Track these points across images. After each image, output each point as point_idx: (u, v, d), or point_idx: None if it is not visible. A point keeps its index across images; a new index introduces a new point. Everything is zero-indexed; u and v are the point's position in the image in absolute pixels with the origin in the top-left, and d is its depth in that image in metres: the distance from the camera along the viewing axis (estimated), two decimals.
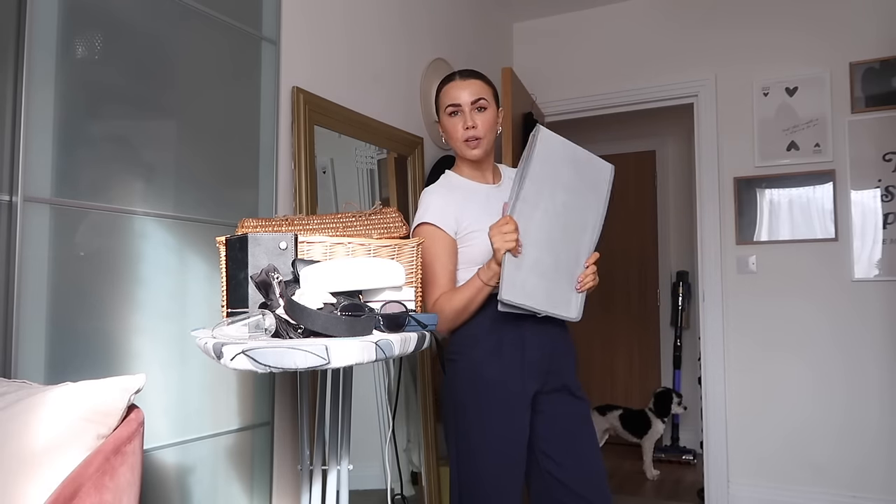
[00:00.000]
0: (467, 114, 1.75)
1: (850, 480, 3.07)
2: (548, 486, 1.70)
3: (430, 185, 1.84)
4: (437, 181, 1.86)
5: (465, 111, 1.75)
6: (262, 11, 2.03)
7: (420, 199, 1.81)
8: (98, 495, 1.03)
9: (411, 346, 1.24)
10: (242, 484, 1.90)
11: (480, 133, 1.75)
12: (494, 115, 1.79)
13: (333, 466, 1.62)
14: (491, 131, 1.78)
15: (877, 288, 3.07)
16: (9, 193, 1.37)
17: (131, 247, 1.61)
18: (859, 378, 3.08)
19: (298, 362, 1.07)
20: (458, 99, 1.75)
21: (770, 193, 3.29)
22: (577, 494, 1.66)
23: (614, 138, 4.85)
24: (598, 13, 3.70)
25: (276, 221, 1.59)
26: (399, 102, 2.79)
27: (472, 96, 1.75)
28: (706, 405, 3.39)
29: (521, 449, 1.67)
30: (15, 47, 1.39)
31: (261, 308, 1.22)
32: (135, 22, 1.63)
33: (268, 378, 1.98)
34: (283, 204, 2.10)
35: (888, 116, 3.07)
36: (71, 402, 1.07)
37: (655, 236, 4.88)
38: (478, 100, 1.75)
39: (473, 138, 1.75)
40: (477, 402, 1.66)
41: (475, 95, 1.75)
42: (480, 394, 1.66)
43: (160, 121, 1.70)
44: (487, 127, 1.76)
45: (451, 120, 1.78)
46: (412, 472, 2.67)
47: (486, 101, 1.76)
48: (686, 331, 4.65)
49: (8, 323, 1.35)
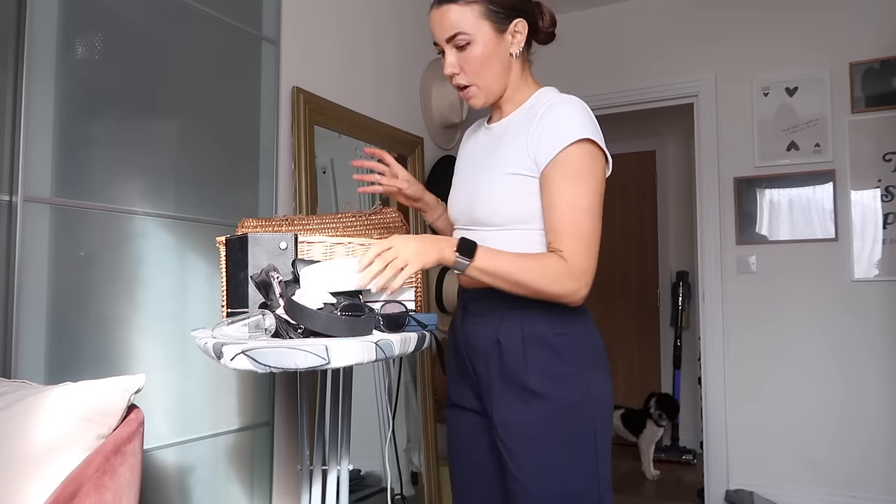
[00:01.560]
0: (447, 56, 1.32)
1: (850, 480, 3.07)
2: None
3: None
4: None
5: (445, 52, 1.32)
6: (262, 11, 2.03)
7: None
8: (98, 495, 1.03)
9: (411, 346, 1.24)
10: (242, 484, 1.90)
11: (465, 79, 1.31)
12: (487, 45, 1.28)
13: (333, 466, 1.62)
14: (484, 70, 1.29)
15: (877, 288, 3.06)
16: (9, 193, 1.37)
17: (131, 247, 1.61)
18: (859, 378, 3.08)
19: (298, 362, 1.07)
20: (434, 36, 1.32)
21: (770, 193, 3.29)
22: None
23: (614, 138, 4.84)
24: (598, 13, 3.70)
25: (276, 221, 1.59)
26: (399, 102, 2.79)
27: (445, 32, 1.29)
28: (706, 405, 3.39)
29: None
30: (15, 47, 1.39)
31: (261, 308, 1.22)
32: (135, 22, 1.63)
33: (268, 378, 1.98)
34: (283, 204, 2.10)
35: (888, 116, 3.06)
36: (71, 402, 1.07)
37: (655, 236, 4.88)
38: (453, 36, 1.28)
39: (461, 85, 1.34)
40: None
41: (449, 30, 1.28)
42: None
43: (160, 121, 1.70)
44: (474, 68, 1.29)
45: (441, 62, 1.35)
46: (412, 472, 2.67)
47: (466, 33, 1.27)
48: (686, 331, 4.65)
49: (8, 323, 1.35)
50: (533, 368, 1.25)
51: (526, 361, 1.26)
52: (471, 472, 1.41)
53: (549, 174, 1.23)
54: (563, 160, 1.22)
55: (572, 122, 1.23)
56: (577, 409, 1.25)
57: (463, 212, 1.37)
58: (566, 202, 1.22)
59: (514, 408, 1.26)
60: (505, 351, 1.28)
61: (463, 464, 1.42)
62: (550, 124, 1.24)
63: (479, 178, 1.33)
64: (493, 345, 1.30)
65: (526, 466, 1.25)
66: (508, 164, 1.28)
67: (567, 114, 1.25)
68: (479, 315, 1.34)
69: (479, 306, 1.34)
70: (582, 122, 1.24)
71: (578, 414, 1.25)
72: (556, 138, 1.23)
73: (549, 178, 1.23)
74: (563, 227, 1.21)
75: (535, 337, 1.26)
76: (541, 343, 1.26)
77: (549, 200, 1.23)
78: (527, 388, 1.25)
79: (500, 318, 1.29)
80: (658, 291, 4.85)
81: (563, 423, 1.25)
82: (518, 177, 1.27)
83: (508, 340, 1.28)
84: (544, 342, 1.26)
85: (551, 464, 1.24)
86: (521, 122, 1.31)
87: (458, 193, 1.41)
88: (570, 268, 1.21)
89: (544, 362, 1.26)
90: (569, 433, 1.25)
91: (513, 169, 1.27)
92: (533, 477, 1.24)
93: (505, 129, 1.35)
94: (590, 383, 1.27)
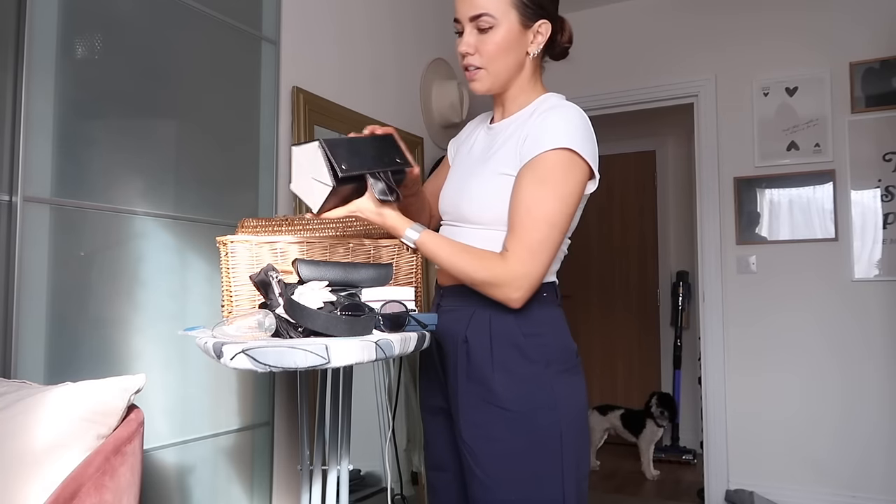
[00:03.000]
0: (465, 35, 1.29)
1: (850, 480, 3.07)
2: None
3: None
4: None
5: (465, 29, 1.29)
6: (262, 11, 2.03)
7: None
8: (98, 495, 1.03)
9: (411, 346, 1.24)
10: (242, 484, 1.89)
11: (477, 61, 1.29)
12: (509, 34, 1.27)
13: (333, 466, 1.62)
14: (498, 58, 1.28)
15: (877, 288, 3.06)
16: (9, 193, 1.37)
17: (131, 247, 1.61)
18: (859, 378, 3.08)
19: (298, 362, 1.07)
20: (457, 12, 1.30)
21: (770, 193, 3.29)
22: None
23: (614, 138, 4.85)
24: (598, 13, 3.70)
25: (276, 221, 1.59)
26: (399, 102, 2.79)
27: (471, 10, 1.27)
28: (706, 405, 3.39)
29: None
30: (15, 47, 1.39)
31: (261, 307, 1.22)
32: (135, 22, 1.63)
33: (268, 378, 1.98)
34: (283, 204, 2.10)
35: (888, 116, 3.06)
36: (71, 403, 1.07)
37: (655, 236, 4.88)
38: (478, 16, 1.26)
39: (470, 67, 1.30)
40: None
41: (475, 10, 1.26)
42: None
43: (160, 121, 1.70)
44: (490, 53, 1.27)
45: (458, 40, 1.32)
46: (412, 472, 2.67)
47: (493, 17, 1.25)
48: (686, 331, 4.65)
49: (8, 323, 1.35)
50: (499, 367, 1.23)
51: (493, 360, 1.24)
52: (441, 479, 1.39)
53: (521, 175, 1.23)
54: (536, 164, 1.21)
55: (559, 128, 1.22)
56: (542, 411, 1.22)
57: (450, 207, 1.36)
58: (524, 206, 1.20)
59: (480, 408, 1.24)
60: (472, 349, 1.26)
61: (435, 470, 1.40)
62: (539, 128, 1.23)
63: (472, 176, 1.31)
64: (461, 343, 1.28)
65: (490, 468, 1.23)
66: (500, 164, 1.27)
67: (559, 120, 1.23)
68: (452, 311, 1.32)
69: (452, 301, 1.33)
70: (570, 130, 1.22)
71: (544, 416, 1.22)
72: (538, 141, 1.22)
73: (518, 179, 1.23)
74: (515, 228, 1.21)
75: (503, 335, 1.24)
76: (508, 342, 1.24)
77: (512, 200, 1.23)
78: (492, 388, 1.23)
79: (471, 314, 1.27)
80: (658, 291, 4.85)
81: (529, 424, 1.22)
82: (506, 177, 1.25)
83: (476, 338, 1.26)
84: (512, 341, 1.24)
85: (516, 467, 1.22)
86: (521, 126, 1.30)
87: (449, 189, 1.39)
88: (507, 270, 1.20)
89: (511, 362, 1.23)
90: (534, 436, 1.22)
91: (503, 169, 1.26)
92: (497, 480, 1.22)
93: (505, 130, 1.33)
94: (557, 385, 1.24)
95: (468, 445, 1.25)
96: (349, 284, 1.30)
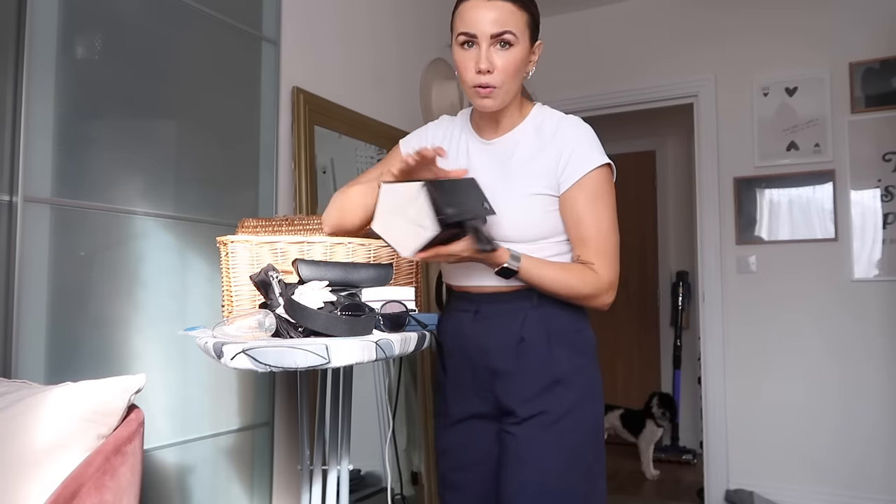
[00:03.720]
0: (483, 50, 1.26)
1: (850, 480, 3.07)
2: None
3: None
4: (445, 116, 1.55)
5: (480, 45, 1.27)
6: (262, 11, 2.03)
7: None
8: (98, 495, 1.03)
9: (411, 346, 1.24)
10: (242, 484, 1.90)
11: (496, 80, 1.27)
12: (524, 53, 1.30)
13: (333, 466, 1.62)
14: (514, 77, 1.29)
15: (876, 288, 3.07)
16: (9, 193, 1.37)
17: (131, 247, 1.61)
18: (859, 378, 3.08)
19: (298, 361, 1.07)
20: (474, 26, 1.26)
21: (770, 193, 3.29)
22: None
23: (614, 138, 4.85)
24: (598, 13, 3.70)
25: (276, 221, 1.59)
26: (399, 102, 2.79)
27: (494, 27, 1.25)
28: (706, 405, 3.39)
29: None
30: (15, 47, 1.39)
31: (261, 308, 1.22)
32: (135, 22, 1.64)
33: (268, 378, 1.98)
34: (283, 204, 2.10)
35: (888, 116, 3.07)
36: (71, 403, 1.07)
37: (655, 236, 4.88)
38: (502, 33, 1.26)
39: (486, 86, 1.28)
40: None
41: (499, 27, 1.25)
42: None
43: (160, 120, 1.70)
44: (510, 71, 1.28)
45: (462, 53, 1.30)
46: (412, 472, 2.67)
47: (514, 35, 1.26)
48: (686, 331, 4.65)
49: (8, 323, 1.35)
50: (558, 361, 1.33)
51: (551, 355, 1.33)
52: (467, 478, 1.43)
53: (573, 195, 1.32)
54: (585, 183, 1.31)
55: (592, 149, 1.33)
56: (591, 399, 1.36)
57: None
58: (592, 221, 1.32)
59: (542, 398, 1.32)
60: (530, 346, 1.33)
61: (480, 476, 1.42)
62: (575, 150, 1.32)
63: (497, 196, 1.31)
64: (515, 343, 1.34)
65: (547, 453, 1.30)
66: (531, 185, 1.32)
67: (585, 141, 1.34)
68: (498, 316, 1.36)
69: (498, 308, 1.37)
70: (595, 146, 1.34)
71: (592, 404, 1.36)
72: (580, 164, 1.31)
73: (573, 199, 1.32)
74: (591, 243, 1.32)
75: (559, 332, 1.34)
76: (564, 339, 1.34)
77: (577, 218, 1.33)
78: (555, 378, 1.32)
79: (524, 317, 1.34)
80: (658, 291, 4.86)
81: (583, 412, 1.33)
82: (541, 196, 1.33)
83: (533, 337, 1.33)
84: (566, 338, 1.35)
85: (572, 449, 1.31)
86: (531, 142, 1.36)
87: None
88: (602, 280, 1.32)
89: (567, 355, 1.34)
90: (587, 422, 1.34)
91: (536, 189, 1.32)
92: (551, 465, 1.29)
93: (513, 147, 1.37)
94: (596, 375, 1.39)
95: (525, 434, 1.31)
96: (349, 284, 1.30)
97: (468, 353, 1.39)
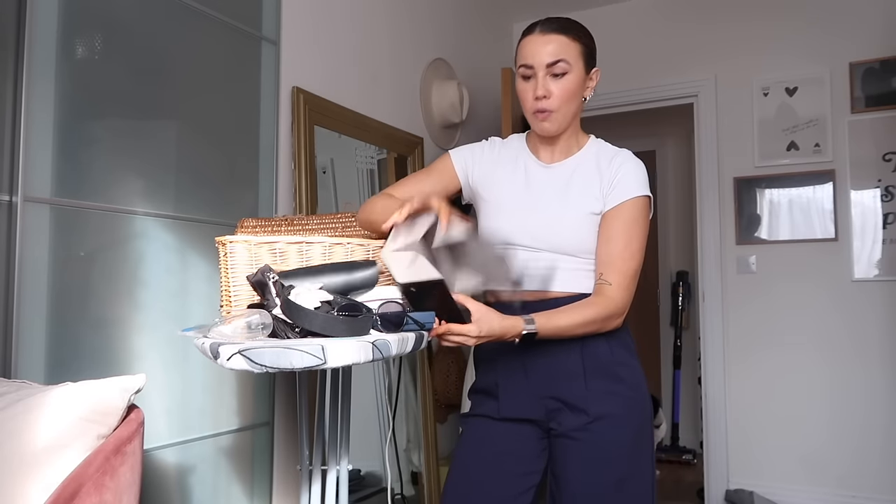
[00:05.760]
0: (540, 79, 1.42)
1: (850, 480, 3.07)
2: None
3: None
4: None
5: (537, 75, 1.43)
6: (262, 11, 2.03)
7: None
8: (98, 495, 1.03)
9: (409, 346, 1.24)
10: (242, 484, 1.90)
11: (553, 105, 1.43)
12: (578, 80, 1.45)
13: (333, 466, 1.62)
14: (570, 102, 1.45)
15: (877, 288, 3.06)
16: (9, 193, 1.38)
17: (131, 247, 1.62)
18: (859, 378, 3.08)
19: (295, 362, 1.07)
20: (532, 59, 1.43)
21: (770, 193, 3.29)
22: None
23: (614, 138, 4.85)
24: (598, 13, 3.70)
25: (276, 221, 1.59)
26: (399, 102, 2.79)
27: (548, 58, 1.42)
28: (706, 405, 3.39)
29: None
30: (15, 47, 1.39)
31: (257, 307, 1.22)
32: (135, 22, 1.64)
33: (267, 378, 1.98)
34: (283, 204, 2.10)
35: (888, 116, 3.06)
36: (71, 402, 1.08)
37: (655, 236, 4.88)
38: (555, 62, 1.41)
39: (544, 110, 1.44)
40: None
41: (553, 57, 1.42)
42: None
43: (160, 121, 1.71)
44: (564, 97, 1.43)
45: (522, 84, 1.46)
46: (412, 472, 2.68)
47: (568, 63, 1.42)
48: (686, 331, 4.65)
49: (8, 323, 1.36)
50: (618, 362, 1.47)
51: (613, 357, 1.46)
52: (510, 483, 1.48)
53: (612, 216, 1.45)
54: (624, 209, 1.44)
55: (639, 180, 1.47)
56: (644, 395, 1.49)
57: (538, 238, 1.47)
58: (622, 242, 1.43)
59: (610, 399, 1.43)
60: (593, 352, 1.45)
61: (502, 474, 1.47)
62: (623, 178, 1.46)
63: (560, 213, 1.47)
64: (575, 348, 1.44)
65: (615, 449, 1.42)
66: (586, 205, 1.46)
67: (636, 173, 1.48)
68: (553, 342, 1.42)
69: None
70: (643, 180, 1.48)
71: (645, 400, 1.49)
72: (626, 190, 1.45)
73: (611, 219, 1.45)
74: (616, 262, 1.43)
75: (616, 336, 1.48)
76: (621, 342, 1.49)
77: (608, 237, 1.44)
78: (618, 377, 1.45)
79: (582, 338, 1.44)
80: (658, 291, 4.85)
81: (644, 409, 1.48)
82: (595, 216, 1.46)
83: (593, 341, 1.44)
84: (623, 341, 1.50)
85: (636, 444, 1.44)
86: (591, 169, 1.50)
87: (529, 220, 1.49)
88: (615, 304, 1.42)
89: (626, 361, 1.48)
90: (645, 418, 1.49)
91: (590, 209, 1.46)
92: (618, 460, 1.42)
93: (571, 172, 1.50)
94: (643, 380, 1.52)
95: (593, 433, 1.42)
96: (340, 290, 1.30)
97: (527, 370, 1.49)
